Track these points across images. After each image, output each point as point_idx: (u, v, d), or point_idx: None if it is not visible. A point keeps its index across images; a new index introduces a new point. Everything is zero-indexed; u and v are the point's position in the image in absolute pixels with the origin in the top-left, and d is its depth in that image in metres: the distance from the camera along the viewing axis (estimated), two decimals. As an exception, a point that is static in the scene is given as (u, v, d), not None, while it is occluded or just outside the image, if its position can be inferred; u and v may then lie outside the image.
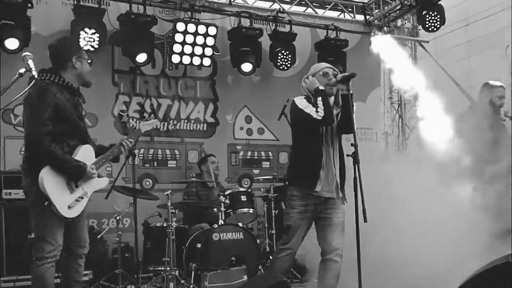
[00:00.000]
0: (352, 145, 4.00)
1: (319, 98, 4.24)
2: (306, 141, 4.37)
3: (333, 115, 4.30)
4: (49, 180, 3.81)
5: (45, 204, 3.78)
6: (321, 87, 4.29)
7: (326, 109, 4.21)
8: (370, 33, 9.03)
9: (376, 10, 9.17)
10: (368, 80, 8.89)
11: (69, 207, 3.87)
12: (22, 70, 3.47)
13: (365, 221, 3.84)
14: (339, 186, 4.37)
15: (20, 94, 3.58)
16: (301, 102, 4.35)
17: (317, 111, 4.22)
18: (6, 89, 3.39)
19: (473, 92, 8.11)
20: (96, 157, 4.11)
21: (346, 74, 4.27)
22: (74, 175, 3.91)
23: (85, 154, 4.02)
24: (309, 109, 4.26)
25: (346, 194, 4.39)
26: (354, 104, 4.18)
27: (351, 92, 4.16)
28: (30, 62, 3.51)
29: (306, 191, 4.31)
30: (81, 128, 4.08)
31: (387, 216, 5.09)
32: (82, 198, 3.96)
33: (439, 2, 8.29)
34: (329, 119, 4.25)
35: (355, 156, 3.98)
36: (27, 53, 3.57)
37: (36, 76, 3.55)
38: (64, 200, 3.86)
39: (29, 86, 3.61)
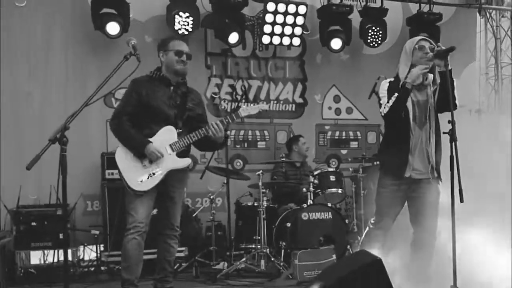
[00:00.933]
0: (449, 122, 3.86)
1: (395, 94, 4.13)
2: (393, 125, 4.30)
3: (399, 114, 4.16)
4: (122, 157, 4.29)
5: (120, 179, 4.28)
6: (408, 86, 4.13)
7: (394, 107, 4.13)
8: (465, 5, 8.66)
9: (473, -19, 8.75)
10: (462, 54, 8.53)
11: (140, 181, 4.20)
12: (127, 54, 3.79)
13: (461, 201, 3.71)
14: (434, 166, 4.23)
15: (127, 77, 3.90)
16: (382, 87, 4.30)
17: (385, 105, 4.18)
18: (114, 71, 3.67)
19: None
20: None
21: (443, 48, 4.03)
22: (137, 150, 4.24)
23: (164, 135, 4.28)
24: (384, 100, 4.22)
25: (442, 173, 4.24)
26: (454, 79, 4.03)
27: (449, 67, 3.97)
28: (134, 45, 3.85)
29: (396, 178, 4.24)
30: (167, 115, 4.31)
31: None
32: (154, 174, 4.22)
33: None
34: (392, 118, 4.20)
35: (452, 133, 3.84)
36: (131, 37, 3.97)
37: (139, 60, 3.86)
38: (135, 175, 4.22)
39: (134, 70, 3.93)
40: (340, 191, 6.53)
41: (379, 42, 7.91)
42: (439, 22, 8.22)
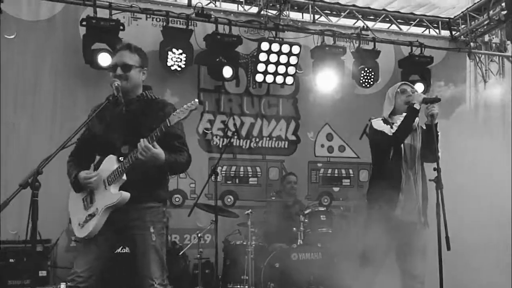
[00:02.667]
0: (434, 169, 3.94)
1: (404, 114, 4.23)
2: (385, 164, 4.33)
3: (406, 135, 4.26)
4: (71, 197, 3.73)
5: (69, 223, 3.72)
6: (416, 106, 4.21)
7: (402, 127, 4.20)
8: (456, 49, 8.83)
9: (463, 26, 8.92)
10: (453, 96, 8.60)
11: (80, 225, 3.58)
12: (110, 95, 3.55)
13: (448, 249, 3.76)
14: (421, 210, 4.28)
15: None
16: (377, 123, 4.39)
17: (391, 127, 4.24)
18: (95, 113, 3.52)
19: None
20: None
21: (430, 97, 4.21)
22: (72, 186, 3.66)
23: (104, 166, 3.61)
24: (382, 127, 4.31)
25: (428, 219, 4.27)
26: (439, 133, 4.14)
27: (436, 122, 4.11)
28: (118, 87, 3.53)
29: (386, 215, 4.23)
30: (109, 142, 3.62)
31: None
32: (93, 215, 3.54)
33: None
34: (400, 137, 4.23)
35: (437, 181, 3.92)
36: (115, 79, 3.57)
37: (122, 101, 3.57)
38: (78, 217, 3.62)
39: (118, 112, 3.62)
40: (330, 230, 6.50)
41: (371, 82, 8.02)
42: (430, 65, 8.37)
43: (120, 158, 3.53)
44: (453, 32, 8.98)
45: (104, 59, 6.53)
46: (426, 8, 8.75)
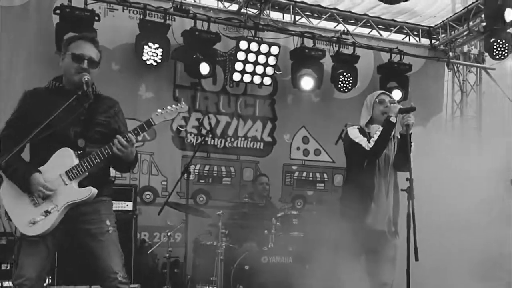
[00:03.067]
0: (407, 179, 3.92)
1: (380, 129, 4.20)
2: (359, 172, 4.32)
3: (384, 149, 4.25)
4: (7, 191, 3.44)
5: (6, 220, 3.45)
6: (393, 119, 4.18)
7: (379, 142, 4.18)
8: (434, 58, 8.84)
9: (443, 35, 8.95)
10: (430, 105, 8.66)
11: (31, 223, 3.33)
12: (78, 90, 3.44)
13: (416, 259, 3.74)
14: (391, 220, 4.30)
15: (75, 114, 3.47)
16: (353, 132, 4.36)
17: (369, 142, 4.20)
18: (62, 109, 3.33)
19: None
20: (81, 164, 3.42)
21: (406, 107, 4.21)
22: (20, 186, 3.39)
23: (58, 160, 3.42)
24: (359, 139, 4.27)
25: (399, 229, 4.30)
26: (412, 143, 4.12)
27: (410, 132, 4.10)
28: (87, 81, 3.44)
29: (357, 223, 4.23)
30: (64, 135, 3.44)
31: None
32: (49, 212, 3.34)
33: (508, 31, 7.99)
34: (377, 153, 4.23)
35: (409, 191, 3.89)
36: (84, 73, 3.47)
37: (91, 97, 3.44)
38: (25, 215, 3.35)
39: (86, 107, 3.50)
40: (302, 234, 6.40)
41: (350, 87, 7.97)
42: (408, 72, 8.36)
43: (78, 151, 3.44)
44: (433, 41, 9.00)
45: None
46: (407, 15, 8.75)
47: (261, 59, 7.52)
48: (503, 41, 7.94)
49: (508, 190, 6.21)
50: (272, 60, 7.57)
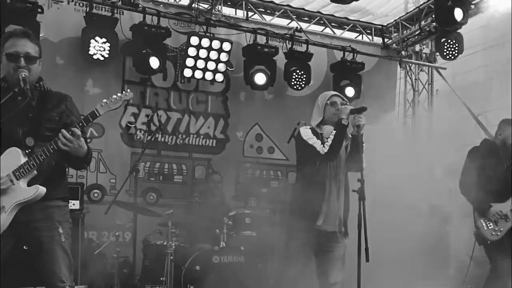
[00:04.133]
0: (358, 180, 3.89)
1: (334, 132, 4.13)
2: (310, 172, 4.24)
3: (337, 154, 4.19)
4: None
5: None
6: (344, 122, 4.11)
7: (334, 145, 4.11)
8: (387, 57, 8.89)
9: (395, 34, 9.02)
10: (382, 103, 8.68)
11: None
12: (15, 88, 3.28)
13: (367, 260, 3.71)
14: (342, 220, 4.27)
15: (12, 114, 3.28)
16: (305, 133, 4.27)
17: (323, 145, 4.14)
18: None
19: (489, 117, 8.03)
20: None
21: (356, 107, 4.17)
22: None
23: (6, 160, 3.27)
24: (312, 140, 4.20)
25: (348, 229, 4.27)
26: (364, 144, 4.10)
27: (362, 132, 4.06)
28: (25, 78, 3.28)
29: (308, 224, 4.18)
30: (9, 134, 3.29)
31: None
32: None
33: (458, 31, 8.10)
34: (332, 157, 4.17)
35: (360, 192, 3.85)
36: (22, 69, 3.30)
37: (28, 94, 3.28)
38: None
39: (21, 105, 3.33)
40: (254, 234, 6.29)
41: (303, 85, 7.93)
42: (361, 71, 8.39)
43: (27, 150, 3.29)
44: (385, 40, 9.05)
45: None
46: (360, 13, 8.77)
47: (213, 55, 7.39)
48: (453, 41, 8.04)
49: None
50: (224, 57, 7.45)
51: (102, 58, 6.68)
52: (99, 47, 6.64)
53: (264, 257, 6.33)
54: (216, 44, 7.34)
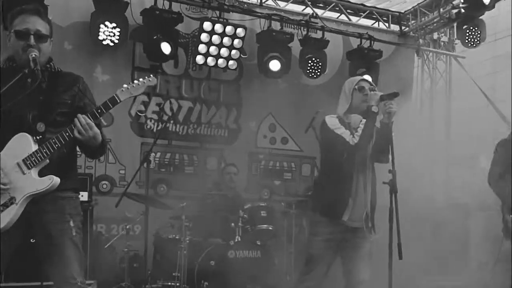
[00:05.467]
0: (389, 172, 3.64)
1: (364, 121, 3.88)
2: (336, 165, 3.98)
3: (368, 144, 3.93)
4: None
5: None
6: (375, 109, 3.86)
7: (365, 135, 3.86)
8: (404, 45, 8.62)
9: (413, 21, 8.72)
10: (399, 93, 8.43)
11: None
12: (25, 69, 3.03)
13: (400, 258, 3.48)
14: (369, 215, 4.00)
15: (21, 96, 3.02)
16: (332, 122, 4.01)
17: (353, 135, 3.89)
18: (5, 88, 2.93)
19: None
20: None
21: (388, 93, 3.89)
22: None
23: (16, 147, 3.04)
24: (341, 130, 3.94)
25: (375, 224, 4.04)
26: (393, 133, 3.82)
27: (392, 120, 3.80)
28: (35, 58, 3.04)
29: (333, 219, 3.95)
30: (19, 118, 3.09)
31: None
32: (7, 205, 2.98)
33: (480, 18, 7.81)
34: (363, 148, 3.91)
35: (392, 184, 3.60)
36: (32, 49, 3.07)
37: (39, 76, 3.03)
38: None
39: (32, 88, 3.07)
40: (271, 228, 6.08)
41: (318, 73, 7.66)
42: (379, 59, 8.10)
43: (37, 137, 3.06)
44: (403, 27, 8.77)
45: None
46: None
47: (226, 41, 7.13)
48: (476, 28, 7.76)
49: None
50: (238, 43, 7.19)
51: (111, 44, 6.46)
52: (109, 32, 6.41)
53: (281, 252, 6.15)
54: (229, 29, 7.08)
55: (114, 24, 6.44)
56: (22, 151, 3.02)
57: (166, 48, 6.65)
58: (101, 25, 6.39)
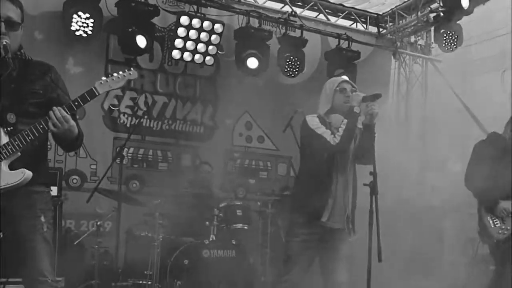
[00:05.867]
0: (370, 173, 3.64)
1: (345, 121, 3.85)
2: (316, 165, 3.97)
3: (349, 145, 3.94)
4: None
5: None
6: (356, 110, 3.84)
7: (346, 136, 3.85)
8: (382, 46, 8.62)
9: (391, 23, 8.72)
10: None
11: None
12: None
13: (380, 260, 3.46)
14: (349, 216, 3.99)
15: None
16: (313, 122, 3.99)
17: (334, 135, 3.86)
18: None
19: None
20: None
21: (370, 94, 3.87)
22: None
23: None
24: (322, 130, 3.92)
25: (355, 226, 4.03)
26: (376, 134, 3.84)
27: (374, 122, 3.81)
28: (6, 45, 2.90)
29: (312, 220, 3.91)
30: None
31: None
32: None
33: (458, 22, 7.85)
34: (345, 146, 3.91)
35: (373, 186, 3.59)
36: (3, 35, 2.92)
37: (11, 64, 2.93)
38: None
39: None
40: (246, 227, 5.99)
41: (296, 72, 7.62)
42: (356, 59, 8.09)
43: (8, 128, 2.94)
44: (381, 29, 8.77)
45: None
46: (356, 0, 8.44)
47: (204, 36, 7.01)
48: (454, 32, 7.78)
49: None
50: (215, 39, 7.07)
51: (84, 35, 6.26)
52: (82, 23, 6.22)
53: (256, 252, 6.06)
54: (207, 25, 6.96)
55: (87, 15, 6.25)
56: None
57: (141, 41, 6.49)
58: (74, 15, 6.20)
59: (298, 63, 7.58)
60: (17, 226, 2.97)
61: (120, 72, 3.10)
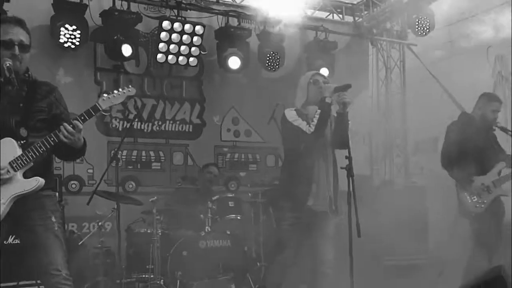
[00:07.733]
0: (346, 157, 3.93)
1: (318, 111, 4.16)
2: (297, 154, 4.28)
3: (323, 133, 4.24)
4: None
5: None
6: (328, 100, 4.15)
7: (319, 124, 4.16)
8: (359, 35, 8.89)
9: (366, 12, 9.00)
10: (356, 82, 8.66)
11: None
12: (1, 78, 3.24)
13: (359, 236, 3.76)
14: (332, 199, 4.30)
15: None
16: (290, 115, 4.32)
17: (309, 125, 4.18)
18: None
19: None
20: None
21: (340, 85, 4.20)
22: None
23: (4, 150, 3.26)
24: (298, 122, 4.25)
25: (339, 207, 4.32)
26: (349, 121, 4.16)
27: (347, 110, 4.11)
28: (10, 67, 3.25)
29: (298, 204, 4.23)
30: (2, 124, 3.30)
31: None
32: None
33: (429, 6, 8.15)
34: (319, 136, 4.21)
35: (349, 169, 3.89)
36: (6, 59, 3.28)
37: (16, 84, 3.29)
38: None
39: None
40: (239, 217, 6.30)
41: (277, 66, 7.88)
42: (334, 50, 8.35)
43: (21, 141, 3.31)
44: (356, 18, 9.02)
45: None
46: (330, -8, 8.71)
47: (186, 39, 7.25)
48: (425, 17, 8.08)
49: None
50: (197, 40, 7.31)
51: (73, 46, 6.50)
52: (69, 35, 6.45)
53: (250, 240, 6.35)
54: (188, 27, 7.21)
55: (74, 27, 6.47)
56: (8, 155, 3.25)
57: (126, 50, 6.75)
58: (62, 28, 6.42)
59: (278, 57, 7.83)
60: (31, 227, 3.31)
61: (120, 89, 3.50)
